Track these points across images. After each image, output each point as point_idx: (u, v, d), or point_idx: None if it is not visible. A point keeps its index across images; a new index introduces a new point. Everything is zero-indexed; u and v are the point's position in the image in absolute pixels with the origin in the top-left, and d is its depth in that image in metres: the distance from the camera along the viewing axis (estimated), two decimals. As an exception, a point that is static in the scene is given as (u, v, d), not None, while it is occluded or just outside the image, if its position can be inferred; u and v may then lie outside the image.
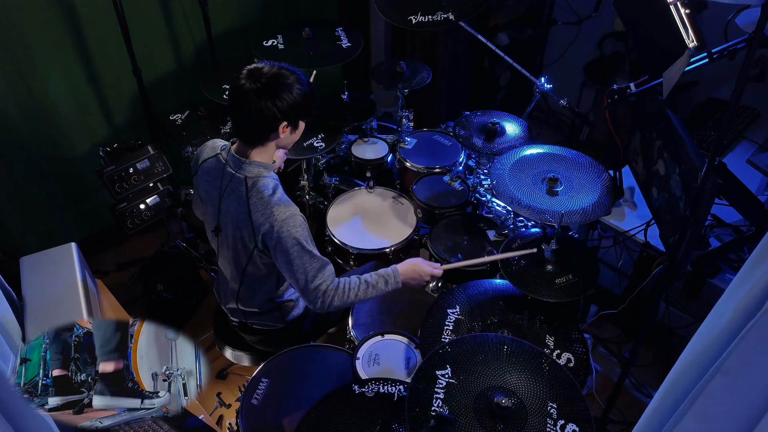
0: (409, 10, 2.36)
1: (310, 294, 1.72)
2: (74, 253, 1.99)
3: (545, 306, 1.85)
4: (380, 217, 2.50)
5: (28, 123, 2.61)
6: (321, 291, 1.71)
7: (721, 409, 1.04)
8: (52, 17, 2.49)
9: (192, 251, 2.94)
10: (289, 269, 1.70)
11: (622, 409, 2.46)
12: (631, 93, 1.98)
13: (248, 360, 2.17)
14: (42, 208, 2.84)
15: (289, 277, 1.74)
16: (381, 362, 1.86)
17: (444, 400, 1.37)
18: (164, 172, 2.59)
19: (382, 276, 1.80)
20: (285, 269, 1.73)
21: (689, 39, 1.51)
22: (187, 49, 3.01)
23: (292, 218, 1.67)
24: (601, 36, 3.53)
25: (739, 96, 1.31)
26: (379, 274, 1.80)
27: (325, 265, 1.73)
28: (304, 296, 1.75)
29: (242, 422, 1.75)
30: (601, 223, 2.35)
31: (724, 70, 2.42)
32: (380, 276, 1.80)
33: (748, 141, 2.59)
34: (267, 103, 1.60)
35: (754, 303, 0.96)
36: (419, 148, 2.78)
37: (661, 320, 2.45)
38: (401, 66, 2.81)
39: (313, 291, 1.71)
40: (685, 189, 1.66)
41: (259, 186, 1.70)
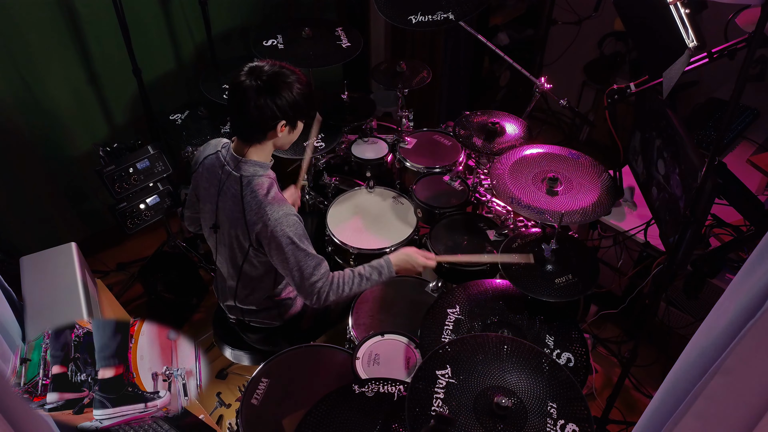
0: (409, 10, 2.36)
1: (306, 290, 1.74)
2: (74, 253, 1.99)
3: (545, 306, 1.85)
4: (380, 217, 2.50)
5: (28, 123, 2.61)
6: (317, 287, 1.73)
7: (721, 408, 1.04)
8: (52, 17, 2.49)
9: (192, 251, 2.94)
10: (285, 267, 1.72)
11: (622, 409, 2.46)
12: (631, 93, 1.98)
13: (248, 360, 2.17)
14: (42, 208, 2.84)
15: (285, 273, 1.76)
16: (381, 362, 1.86)
17: (444, 400, 1.37)
18: (164, 172, 2.59)
19: (376, 268, 1.82)
20: (280, 267, 1.75)
21: (689, 39, 1.51)
22: (187, 49, 3.01)
23: (286, 217, 1.67)
24: (601, 36, 3.54)
25: (739, 96, 1.31)
26: (372, 266, 1.83)
27: (320, 262, 1.75)
28: (300, 292, 1.77)
29: (242, 422, 1.75)
30: (601, 223, 2.35)
31: (724, 70, 2.41)
32: (373, 268, 1.82)
33: (748, 141, 2.60)
34: (266, 100, 1.60)
35: (754, 303, 0.96)
36: (419, 148, 2.78)
37: (661, 320, 2.45)
38: (401, 66, 2.81)
39: (309, 287, 1.73)
40: (685, 189, 1.66)
41: (254, 185, 1.70)
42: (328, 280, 1.75)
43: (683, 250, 1.64)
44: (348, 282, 1.78)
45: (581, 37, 3.64)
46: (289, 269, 1.71)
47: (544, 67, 3.95)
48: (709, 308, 1.14)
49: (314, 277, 1.72)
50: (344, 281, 1.77)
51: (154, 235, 3.18)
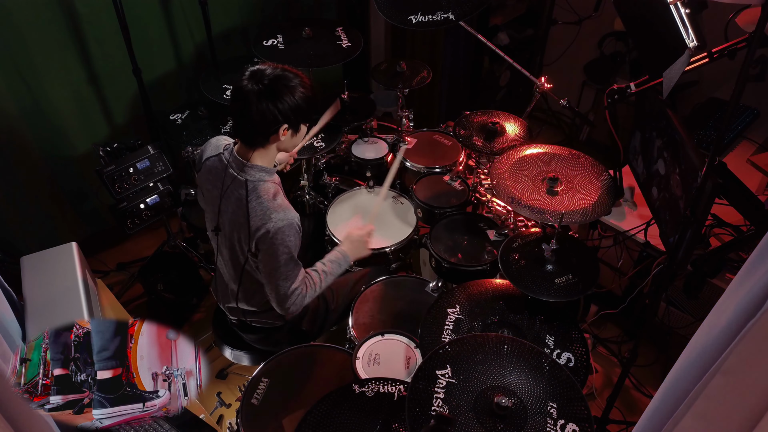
0: (409, 10, 2.36)
1: (287, 300, 1.76)
2: (74, 253, 1.99)
3: (545, 306, 1.85)
4: (380, 217, 2.50)
5: (28, 123, 2.61)
6: (297, 294, 1.77)
7: (721, 408, 1.04)
8: (52, 17, 2.49)
9: (192, 251, 2.94)
10: (273, 274, 1.73)
11: (622, 409, 2.46)
12: (631, 93, 1.98)
13: (248, 360, 2.17)
14: (42, 208, 2.84)
15: (267, 280, 1.76)
16: (381, 362, 1.86)
17: (444, 400, 1.37)
18: (164, 172, 2.58)
19: (334, 261, 1.90)
20: (266, 272, 1.75)
21: (689, 38, 1.51)
22: (187, 49, 3.01)
23: (289, 227, 1.67)
24: (601, 36, 3.54)
25: (739, 96, 1.31)
26: (331, 260, 1.90)
27: (300, 269, 1.79)
28: (279, 301, 1.78)
29: (242, 422, 1.75)
30: (601, 223, 2.35)
31: (724, 70, 2.42)
32: (332, 262, 1.90)
33: (748, 141, 2.60)
34: (268, 104, 1.59)
35: (754, 303, 0.96)
36: (419, 148, 2.78)
37: (661, 320, 2.45)
38: (401, 66, 2.81)
39: (290, 296, 1.76)
40: (685, 189, 1.66)
41: (260, 190, 1.69)
42: (303, 285, 1.79)
43: (683, 250, 1.64)
44: (317, 282, 1.84)
45: (581, 37, 3.64)
46: (276, 278, 1.72)
47: (544, 67, 3.95)
48: (709, 308, 1.14)
49: (296, 284, 1.76)
50: (314, 282, 1.83)
51: (154, 235, 3.18)
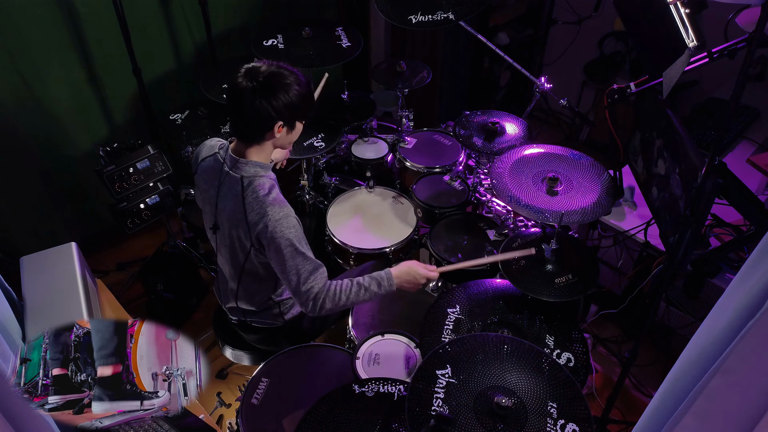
0: (409, 10, 2.36)
1: (302, 296, 1.69)
2: (74, 253, 1.99)
3: (545, 306, 1.85)
4: (380, 217, 2.50)
5: (28, 123, 2.61)
6: (313, 293, 1.68)
7: (721, 408, 1.04)
8: (52, 17, 2.49)
9: (192, 251, 2.94)
10: (282, 269, 1.70)
11: (622, 409, 2.46)
12: (631, 93, 1.97)
13: (248, 359, 2.17)
14: (42, 208, 2.84)
15: (282, 277, 1.73)
16: (381, 362, 1.86)
17: (444, 399, 1.37)
18: (164, 172, 2.59)
19: (375, 279, 1.75)
20: (278, 269, 1.73)
21: (689, 38, 1.51)
22: (187, 49, 3.02)
23: (286, 219, 1.66)
24: (601, 36, 3.54)
25: (739, 96, 1.30)
26: (372, 277, 1.75)
27: (318, 268, 1.71)
28: (296, 298, 1.73)
29: (242, 422, 1.75)
30: (601, 223, 2.35)
31: (724, 70, 2.41)
32: (373, 279, 1.75)
33: (748, 141, 2.59)
34: (262, 102, 1.59)
35: (754, 303, 0.96)
36: (419, 148, 2.78)
37: (661, 320, 2.45)
38: (401, 66, 2.81)
39: (304, 293, 1.68)
40: (685, 189, 1.66)
41: (255, 185, 1.70)
42: (324, 287, 1.69)
43: (683, 250, 1.64)
44: (345, 290, 1.71)
45: (581, 37, 3.64)
46: (286, 272, 1.69)
47: (544, 67, 3.95)
48: (709, 308, 1.14)
49: (311, 282, 1.68)
50: (341, 289, 1.71)
51: (154, 235, 3.18)
